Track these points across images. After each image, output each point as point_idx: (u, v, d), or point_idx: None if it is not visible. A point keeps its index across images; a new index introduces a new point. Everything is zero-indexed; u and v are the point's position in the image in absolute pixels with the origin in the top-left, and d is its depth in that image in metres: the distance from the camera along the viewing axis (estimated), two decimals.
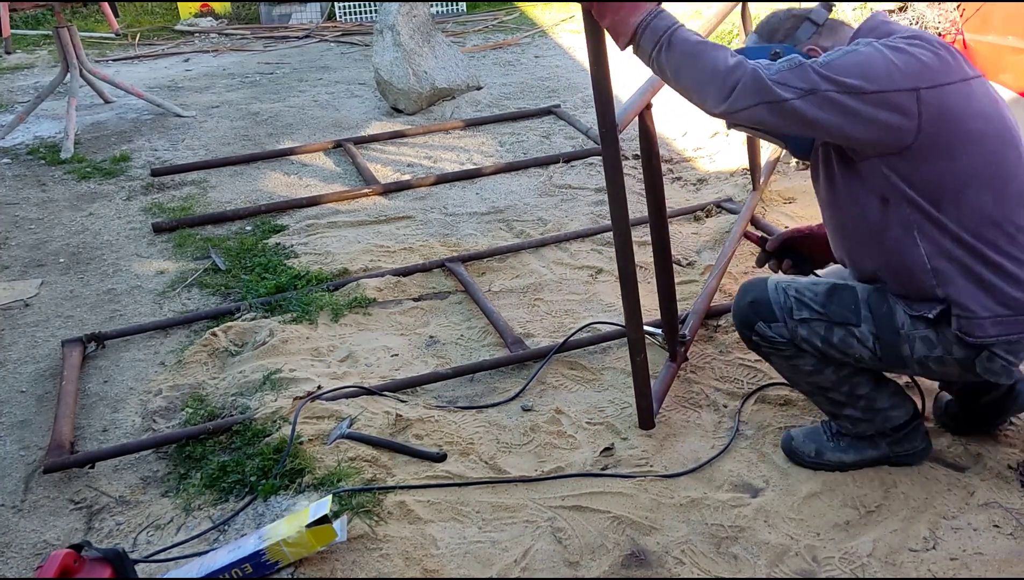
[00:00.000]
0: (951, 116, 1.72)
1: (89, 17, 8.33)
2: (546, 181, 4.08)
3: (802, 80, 1.71)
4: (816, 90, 1.70)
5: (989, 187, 1.75)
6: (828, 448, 2.08)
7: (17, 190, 4.29)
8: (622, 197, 2.02)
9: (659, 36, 1.78)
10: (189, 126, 5.18)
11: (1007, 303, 1.76)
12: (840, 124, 1.72)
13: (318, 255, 3.40)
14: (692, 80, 1.76)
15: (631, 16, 1.79)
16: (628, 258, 2.09)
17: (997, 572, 1.79)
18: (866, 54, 1.74)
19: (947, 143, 1.72)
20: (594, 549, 1.91)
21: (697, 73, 1.75)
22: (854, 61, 1.72)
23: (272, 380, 2.55)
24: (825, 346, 1.93)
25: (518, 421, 2.37)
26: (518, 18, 7.89)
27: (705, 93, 1.75)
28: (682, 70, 1.77)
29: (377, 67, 5.20)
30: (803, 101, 1.70)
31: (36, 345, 2.92)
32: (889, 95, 1.70)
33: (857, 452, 2.06)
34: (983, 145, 1.75)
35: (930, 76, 1.72)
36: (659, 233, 2.35)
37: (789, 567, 1.84)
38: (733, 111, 1.74)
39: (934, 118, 1.71)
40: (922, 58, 1.72)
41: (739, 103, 1.72)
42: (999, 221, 1.75)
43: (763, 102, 1.71)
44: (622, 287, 2.12)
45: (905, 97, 1.70)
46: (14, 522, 2.13)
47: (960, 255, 1.76)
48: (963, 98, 1.74)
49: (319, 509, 1.88)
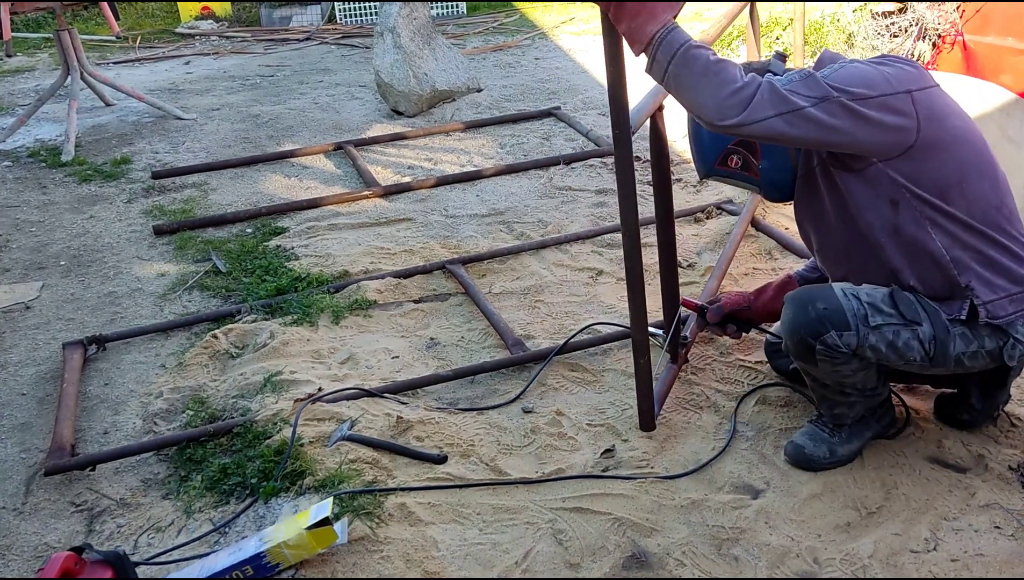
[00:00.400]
0: (939, 115, 1.87)
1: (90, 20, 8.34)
2: (546, 183, 4.08)
3: (813, 89, 1.80)
4: (828, 97, 1.79)
5: (984, 175, 1.90)
6: (836, 444, 2.10)
7: (18, 193, 4.30)
8: (632, 199, 2.02)
9: (675, 51, 1.79)
10: (190, 129, 5.18)
11: (1018, 280, 1.89)
12: (853, 129, 1.81)
13: (319, 257, 3.41)
14: (709, 95, 1.78)
15: (648, 24, 1.81)
16: (636, 260, 2.08)
17: (998, 573, 1.79)
18: (857, 67, 1.87)
19: (942, 139, 1.86)
20: (595, 551, 1.91)
21: (715, 88, 1.77)
22: (851, 73, 1.85)
23: (273, 382, 2.55)
24: (888, 350, 1.92)
25: (519, 423, 2.37)
26: (518, 20, 7.89)
27: (723, 107, 1.78)
28: (700, 84, 1.79)
29: (377, 69, 5.20)
30: (817, 108, 1.78)
31: (37, 348, 2.92)
32: (890, 98, 1.82)
33: (859, 438, 2.12)
34: (969, 139, 1.90)
35: (915, 80, 1.87)
36: (666, 234, 2.35)
37: (790, 568, 1.84)
38: (751, 122, 1.77)
39: (928, 117, 1.84)
40: (903, 67, 1.89)
41: (756, 114, 1.77)
42: (998, 205, 1.90)
43: (781, 113, 1.77)
44: (629, 289, 2.12)
45: (902, 99, 1.83)
46: (15, 524, 2.13)
47: (973, 242, 1.89)
48: (942, 99, 1.91)
49: (320, 511, 1.88)
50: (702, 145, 2.12)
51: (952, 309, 1.91)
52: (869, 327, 1.90)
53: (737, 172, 2.10)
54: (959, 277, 1.89)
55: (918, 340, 1.91)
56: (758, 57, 3.20)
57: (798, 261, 3.10)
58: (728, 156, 2.09)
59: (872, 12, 4.78)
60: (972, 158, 1.89)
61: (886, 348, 1.92)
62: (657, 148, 2.25)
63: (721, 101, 1.77)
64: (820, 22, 5.54)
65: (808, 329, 1.93)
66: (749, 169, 2.08)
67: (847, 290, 1.94)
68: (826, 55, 2.01)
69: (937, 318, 1.91)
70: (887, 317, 1.91)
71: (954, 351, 1.92)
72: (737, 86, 1.77)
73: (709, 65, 1.78)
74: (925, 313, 1.92)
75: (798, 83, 1.81)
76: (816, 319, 1.92)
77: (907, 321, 1.91)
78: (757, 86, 1.77)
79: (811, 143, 1.87)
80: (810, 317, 1.93)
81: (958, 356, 1.93)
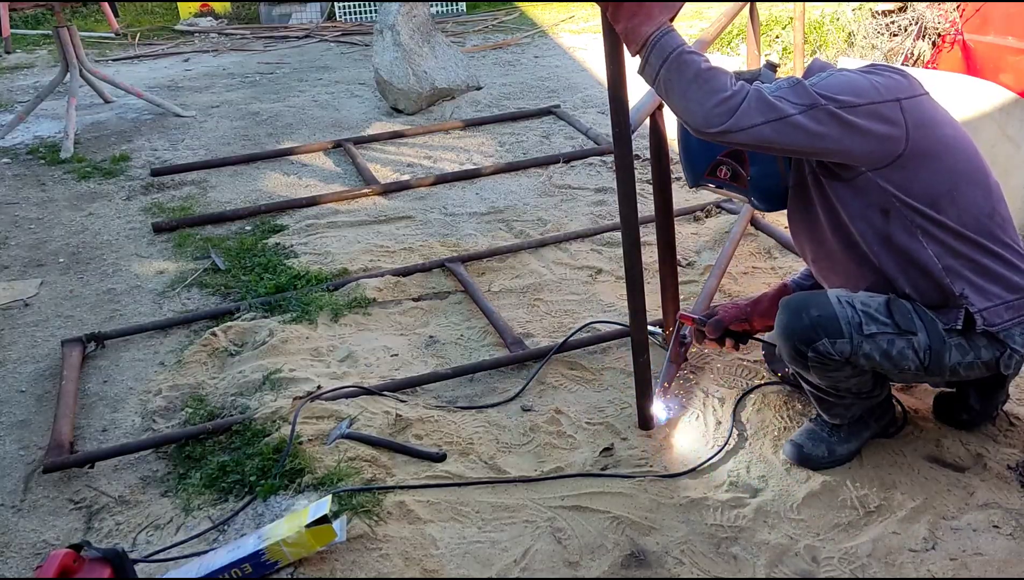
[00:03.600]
0: (929, 123, 1.87)
1: (89, 17, 8.33)
2: (546, 181, 4.08)
3: (801, 96, 1.80)
4: (816, 105, 1.79)
5: (975, 183, 1.89)
6: (835, 444, 2.10)
7: (17, 190, 4.30)
8: (632, 197, 2.02)
9: (667, 54, 1.80)
10: (189, 126, 5.18)
11: (1013, 287, 1.89)
12: (840, 137, 1.80)
13: (318, 255, 3.40)
14: (698, 101, 1.78)
15: (644, 25, 1.81)
16: (636, 259, 2.09)
17: (997, 572, 1.79)
18: (846, 75, 1.88)
19: (931, 148, 1.86)
20: (594, 549, 1.91)
21: (705, 96, 1.77)
22: (839, 81, 1.86)
23: (272, 380, 2.55)
24: (883, 359, 1.91)
25: (518, 421, 2.37)
26: (518, 18, 7.89)
27: (710, 114, 1.78)
28: (690, 90, 1.79)
29: (377, 67, 5.20)
30: (805, 116, 1.78)
31: (36, 345, 2.92)
32: (878, 106, 1.82)
33: (857, 438, 2.12)
34: (959, 147, 1.90)
35: (904, 89, 1.87)
36: (666, 234, 2.35)
37: (789, 567, 1.84)
38: (737, 129, 1.77)
39: (917, 125, 1.84)
40: (892, 76, 1.89)
41: (743, 121, 1.76)
42: (990, 213, 1.89)
43: (768, 120, 1.77)
44: (628, 289, 2.12)
45: (891, 108, 1.83)
46: (13, 522, 2.13)
47: (965, 250, 1.88)
48: (931, 108, 1.90)
49: (319, 509, 1.88)
50: (691, 155, 2.12)
51: (948, 318, 1.90)
52: (863, 335, 1.88)
53: (726, 183, 2.10)
54: (952, 285, 1.88)
55: (913, 350, 1.90)
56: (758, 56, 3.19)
57: (797, 260, 3.09)
58: (717, 167, 2.09)
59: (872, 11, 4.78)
60: (963, 166, 1.88)
61: (880, 357, 1.90)
62: (657, 146, 2.25)
63: (709, 109, 1.77)
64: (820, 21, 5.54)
65: (801, 336, 1.91)
66: (738, 180, 2.08)
67: (842, 297, 1.92)
68: (815, 64, 2.00)
69: (933, 327, 1.90)
70: (882, 326, 1.89)
71: (950, 361, 1.91)
72: (726, 94, 1.77)
73: (700, 72, 1.78)
74: (921, 322, 1.90)
75: (786, 90, 1.80)
76: (809, 326, 1.89)
77: (902, 330, 1.89)
78: (745, 94, 1.77)
79: (799, 151, 1.85)
80: (803, 324, 1.90)
81: (954, 366, 1.92)
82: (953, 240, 1.87)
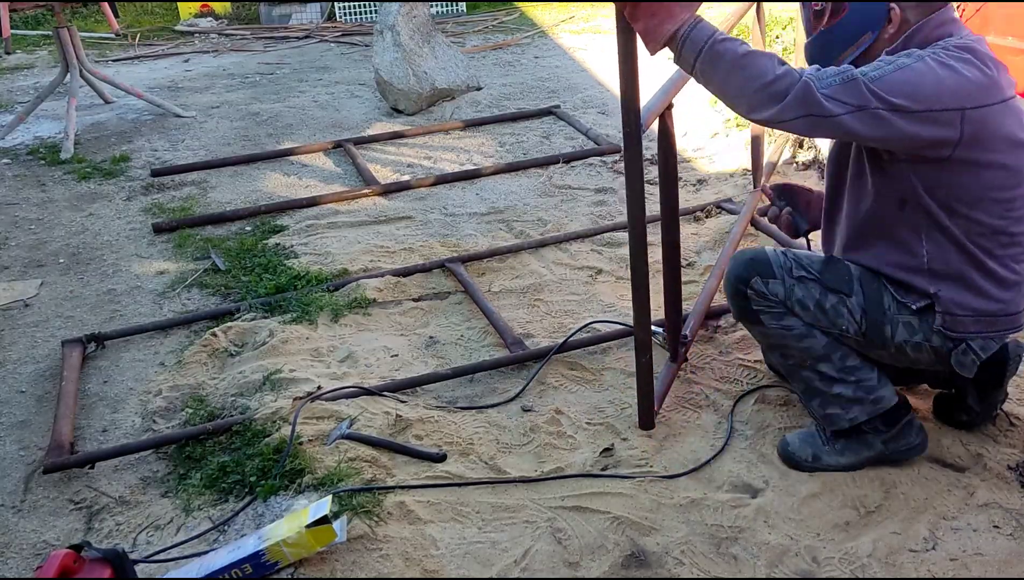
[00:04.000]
0: (986, 136, 1.78)
1: (89, 17, 8.33)
2: (546, 181, 4.08)
3: (853, 96, 1.73)
4: (866, 107, 1.73)
5: (999, 203, 1.83)
6: (824, 452, 2.08)
7: (17, 190, 4.30)
8: (641, 197, 2.02)
9: (701, 46, 1.78)
10: (189, 126, 5.18)
11: (991, 304, 1.87)
12: (884, 138, 1.78)
13: (318, 255, 3.40)
14: (739, 89, 1.78)
15: (665, 23, 1.79)
16: (641, 258, 2.09)
17: (997, 573, 1.79)
18: (916, 71, 1.75)
19: (976, 161, 1.79)
20: (594, 549, 1.91)
21: (745, 82, 1.76)
22: (903, 78, 1.75)
23: (272, 380, 2.55)
24: (817, 310, 1.97)
25: (518, 421, 2.37)
26: (518, 19, 7.89)
27: (753, 101, 1.77)
28: (730, 79, 1.78)
29: (377, 67, 5.20)
30: (851, 117, 1.74)
31: (36, 345, 2.92)
32: (935, 114, 1.74)
33: (853, 454, 2.07)
34: (1005, 166, 1.81)
35: (976, 96, 1.76)
36: (670, 234, 2.34)
37: (789, 567, 1.84)
38: (780, 120, 1.77)
39: (973, 137, 1.76)
40: (969, 76, 1.76)
41: (787, 113, 1.75)
42: (999, 231, 1.85)
43: (811, 115, 1.74)
44: (633, 289, 2.11)
45: (951, 116, 1.75)
46: (14, 522, 2.13)
47: (958, 261, 1.86)
48: (999, 117, 1.79)
49: (319, 509, 1.88)
50: None
51: (909, 298, 1.91)
52: (794, 279, 1.97)
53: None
54: (929, 286, 1.88)
55: (848, 310, 1.94)
56: None
57: None
58: None
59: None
60: (997, 186, 1.81)
61: (814, 306, 1.96)
62: (665, 147, 2.24)
63: (751, 96, 1.76)
64: None
65: (736, 274, 2.03)
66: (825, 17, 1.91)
67: (779, 249, 2.05)
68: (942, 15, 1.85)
69: (877, 297, 1.92)
70: (810, 274, 1.98)
71: (894, 336, 1.92)
72: (767, 80, 1.74)
73: (737, 59, 1.76)
74: (860, 286, 1.94)
75: (838, 87, 1.73)
76: (743, 265, 2.03)
77: (828, 287, 1.96)
78: (791, 83, 1.73)
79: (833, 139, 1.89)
80: (739, 264, 2.04)
81: (900, 344, 1.93)
82: (951, 249, 1.86)
